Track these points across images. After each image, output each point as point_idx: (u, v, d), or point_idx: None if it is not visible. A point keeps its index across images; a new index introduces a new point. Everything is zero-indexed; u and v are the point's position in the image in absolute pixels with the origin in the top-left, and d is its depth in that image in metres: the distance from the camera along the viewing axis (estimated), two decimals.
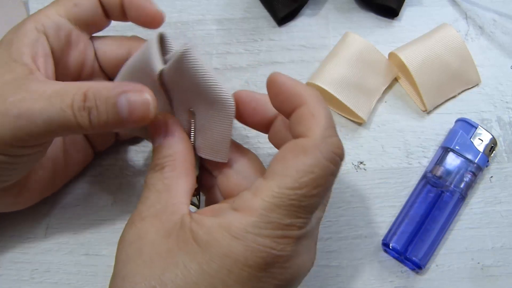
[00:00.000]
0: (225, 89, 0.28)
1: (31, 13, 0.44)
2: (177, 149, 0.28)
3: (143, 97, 0.27)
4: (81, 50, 0.33)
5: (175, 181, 0.27)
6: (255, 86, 0.41)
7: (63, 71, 0.32)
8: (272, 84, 0.26)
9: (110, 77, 0.35)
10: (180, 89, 0.29)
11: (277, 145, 0.30)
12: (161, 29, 0.32)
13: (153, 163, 0.28)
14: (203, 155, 0.30)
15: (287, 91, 0.26)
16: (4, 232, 0.36)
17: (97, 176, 0.38)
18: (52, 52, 0.30)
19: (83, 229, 0.36)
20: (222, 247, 0.23)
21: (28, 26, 0.29)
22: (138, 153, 0.39)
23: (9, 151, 0.27)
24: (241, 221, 0.23)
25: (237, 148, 0.31)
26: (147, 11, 0.32)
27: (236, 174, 0.30)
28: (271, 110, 0.29)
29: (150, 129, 0.29)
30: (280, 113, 0.28)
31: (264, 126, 0.30)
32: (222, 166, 0.30)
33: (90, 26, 0.33)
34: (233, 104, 0.28)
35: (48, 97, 0.26)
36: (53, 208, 0.37)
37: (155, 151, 0.28)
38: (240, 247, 0.23)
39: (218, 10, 0.45)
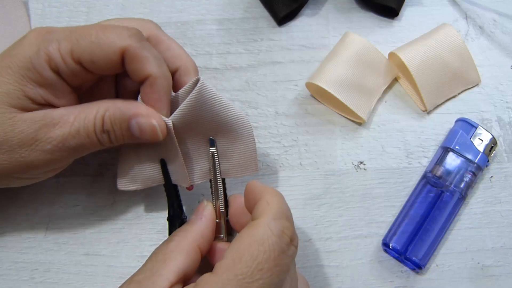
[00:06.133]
0: (238, 110, 0.31)
1: (31, 13, 0.44)
2: (195, 228, 0.29)
3: (150, 123, 0.30)
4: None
5: (175, 255, 0.27)
6: (255, 85, 0.41)
7: None
8: (245, 190, 0.29)
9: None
10: (198, 121, 0.31)
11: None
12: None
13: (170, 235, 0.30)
14: (232, 176, 0.33)
15: (253, 191, 0.28)
16: (4, 232, 0.36)
17: (97, 176, 0.38)
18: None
19: (83, 229, 0.36)
20: None
21: (41, 62, 0.29)
22: None
23: (37, 174, 0.31)
24: None
25: None
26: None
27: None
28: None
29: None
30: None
31: None
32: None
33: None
34: (249, 123, 0.32)
35: (75, 127, 0.29)
36: (53, 208, 0.37)
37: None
38: None
39: (218, 10, 0.45)
